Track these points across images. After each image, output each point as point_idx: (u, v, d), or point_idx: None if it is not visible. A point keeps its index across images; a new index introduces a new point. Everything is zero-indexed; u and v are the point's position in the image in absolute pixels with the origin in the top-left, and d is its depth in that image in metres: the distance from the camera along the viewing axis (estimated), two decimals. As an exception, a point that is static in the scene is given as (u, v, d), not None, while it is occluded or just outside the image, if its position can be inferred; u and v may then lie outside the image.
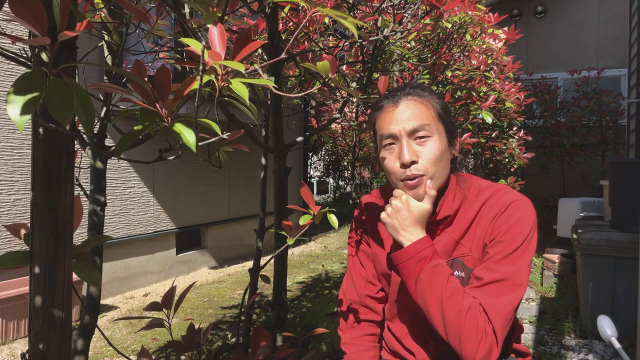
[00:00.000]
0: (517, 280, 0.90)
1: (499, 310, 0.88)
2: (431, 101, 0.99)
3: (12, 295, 2.89)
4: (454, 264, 1.00)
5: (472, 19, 2.32)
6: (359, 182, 8.63)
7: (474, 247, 0.98)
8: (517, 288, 0.90)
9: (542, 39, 7.41)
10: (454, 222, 1.01)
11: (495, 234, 0.95)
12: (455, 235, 1.00)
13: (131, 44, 1.73)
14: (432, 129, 0.96)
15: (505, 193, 0.98)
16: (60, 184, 0.67)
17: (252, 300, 1.20)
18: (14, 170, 3.21)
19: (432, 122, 0.96)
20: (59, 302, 0.68)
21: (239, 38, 0.70)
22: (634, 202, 2.70)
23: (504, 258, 0.91)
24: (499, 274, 0.90)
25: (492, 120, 3.07)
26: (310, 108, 4.80)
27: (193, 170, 4.77)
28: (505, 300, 0.89)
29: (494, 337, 0.87)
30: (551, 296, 3.63)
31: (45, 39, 0.50)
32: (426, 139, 0.95)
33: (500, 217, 0.95)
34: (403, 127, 0.96)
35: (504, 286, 0.90)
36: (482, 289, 0.91)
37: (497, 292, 0.90)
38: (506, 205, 0.95)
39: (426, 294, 0.91)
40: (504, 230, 0.93)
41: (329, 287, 4.04)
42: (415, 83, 1.07)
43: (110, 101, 1.39)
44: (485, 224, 0.97)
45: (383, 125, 1.00)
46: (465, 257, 0.99)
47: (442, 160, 0.96)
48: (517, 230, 0.93)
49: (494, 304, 0.88)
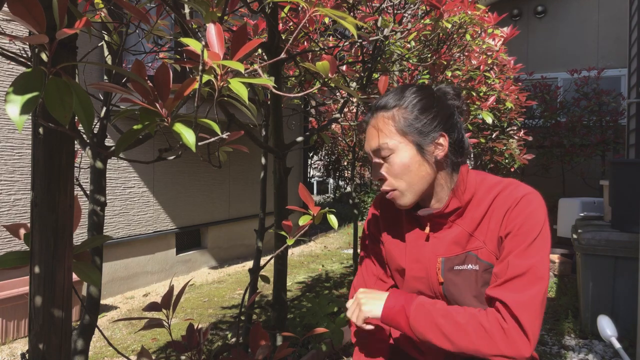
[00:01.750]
0: (537, 273, 0.90)
1: (524, 305, 0.88)
2: (396, 113, 1.01)
3: (12, 295, 2.89)
4: (468, 257, 1.01)
5: (472, 19, 2.32)
6: (359, 182, 8.63)
7: (487, 239, 0.99)
8: (539, 281, 0.90)
9: (542, 39, 7.41)
10: (466, 214, 1.03)
11: (510, 227, 0.95)
12: (468, 228, 1.02)
13: (131, 44, 1.73)
14: (391, 146, 1.00)
15: (517, 186, 1.00)
16: (60, 184, 0.67)
17: (252, 300, 1.20)
18: (14, 170, 3.21)
19: (394, 137, 1.00)
20: (59, 302, 0.68)
21: (235, 36, 0.70)
22: (634, 202, 2.70)
23: (523, 252, 0.92)
24: (519, 268, 0.91)
25: (492, 121, 3.07)
26: (310, 108, 4.80)
27: (193, 170, 4.77)
28: (528, 294, 0.89)
29: (520, 332, 0.87)
30: (551, 296, 3.63)
31: (44, 36, 0.50)
32: (388, 156, 1.01)
33: (513, 210, 0.96)
34: (370, 147, 1.04)
35: (525, 280, 0.90)
36: (504, 286, 0.92)
37: (519, 287, 0.90)
38: (519, 198, 0.97)
39: (422, 329, 0.94)
40: (519, 223, 0.94)
41: (329, 287, 4.04)
42: (393, 89, 1.08)
43: (110, 101, 1.39)
44: (498, 217, 0.98)
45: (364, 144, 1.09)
46: (479, 250, 1.00)
47: (411, 171, 1.00)
48: (532, 223, 0.94)
49: (517, 299, 0.89)
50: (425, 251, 1.06)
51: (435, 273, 1.04)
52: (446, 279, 1.03)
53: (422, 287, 1.07)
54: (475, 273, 0.99)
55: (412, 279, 1.08)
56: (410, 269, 1.08)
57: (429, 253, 1.05)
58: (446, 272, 1.03)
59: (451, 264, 1.02)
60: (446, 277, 1.03)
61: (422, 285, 1.07)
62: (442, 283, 1.04)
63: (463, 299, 1.01)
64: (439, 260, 1.03)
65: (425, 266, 1.05)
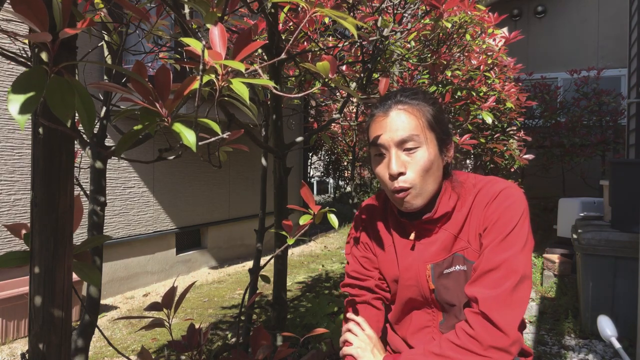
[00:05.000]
0: (511, 266, 0.88)
1: (494, 299, 0.86)
2: (422, 109, 0.99)
3: (12, 295, 2.89)
4: (455, 259, 1.00)
5: (472, 19, 2.32)
6: (359, 182, 8.63)
7: (471, 239, 0.98)
8: (512, 274, 0.87)
9: (542, 39, 7.41)
10: (452, 218, 1.02)
11: (486, 222, 0.94)
12: (453, 231, 1.01)
13: (131, 44, 1.73)
14: (420, 139, 0.96)
15: (495, 182, 0.99)
16: (60, 184, 0.67)
17: (252, 300, 1.20)
18: (14, 170, 3.21)
19: (422, 131, 0.96)
20: (59, 302, 0.68)
21: (239, 38, 0.70)
22: (634, 202, 2.70)
23: (497, 245, 0.91)
24: (492, 262, 0.90)
25: (492, 121, 3.06)
26: (310, 108, 4.80)
27: (193, 170, 4.77)
28: (500, 289, 0.87)
29: (491, 328, 0.85)
30: (551, 296, 3.63)
31: (47, 35, 0.50)
32: (415, 149, 0.96)
33: (491, 205, 0.95)
34: (392, 137, 0.96)
35: (498, 274, 0.88)
36: (477, 282, 0.91)
37: (491, 282, 0.89)
38: (496, 193, 0.96)
39: None
40: (495, 217, 0.93)
41: (329, 287, 4.04)
42: (407, 88, 1.07)
43: (110, 101, 1.39)
44: (478, 214, 0.97)
45: (374, 135, 1.01)
46: (465, 251, 0.99)
47: (432, 170, 0.97)
48: (508, 217, 0.92)
49: (486, 295, 0.87)
50: (413, 259, 1.04)
51: (426, 280, 1.02)
52: (437, 285, 1.01)
53: (414, 295, 1.05)
54: (464, 273, 0.98)
55: (403, 287, 1.07)
56: (401, 277, 1.06)
57: (417, 260, 1.03)
58: (436, 278, 1.01)
59: (440, 269, 1.01)
60: (437, 283, 1.01)
61: (413, 293, 1.05)
62: (433, 290, 1.02)
63: (456, 301, 1.00)
64: (427, 267, 1.02)
65: (414, 274, 1.03)
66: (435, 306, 1.05)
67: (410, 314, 1.09)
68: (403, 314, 1.10)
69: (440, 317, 1.05)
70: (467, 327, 0.88)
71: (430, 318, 1.06)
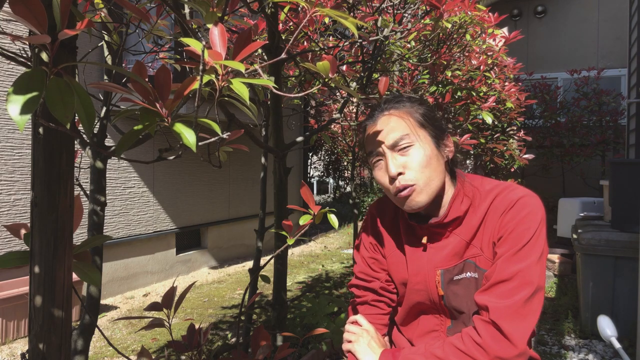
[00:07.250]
0: (525, 278, 0.87)
1: (505, 310, 0.85)
2: (409, 111, 1.00)
3: (12, 295, 2.89)
4: (466, 265, 0.99)
5: (472, 19, 2.32)
6: (359, 182, 8.63)
7: (484, 246, 0.97)
8: (526, 286, 0.86)
9: (542, 39, 7.41)
10: (463, 223, 1.00)
11: (502, 232, 0.93)
12: (465, 237, 0.99)
13: (131, 44, 1.73)
14: (412, 138, 0.97)
15: (513, 190, 0.97)
16: (60, 184, 0.67)
17: (252, 300, 1.20)
18: (14, 170, 3.21)
19: (412, 130, 0.98)
20: (59, 302, 0.68)
21: (239, 38, 0.70)
22: (634, 202, 2.70)
23: (512, 256, 0.89)
24: (506, 273, 0.88)
25: (492, 121, 3.06)
26: (310, 108, 4.80)
27: (193, 170, 4.77)
28: (512, 300, 0.86)
29: (500, 337, 0.84)
30: (551, 296, 3.63)
31: (46, 37, 0.50)
32: (408, 147, 0.97)
33: (507, 214, 0.93)
34: (384, 142, 0.99)
35: (511, 286, 0.87)
36: (489, 291, 0.90)
37: (503, 292, 0.87)
38: (513, 201, 0.94)
39: None
40: (511, 227, 0.92)
41: (329, 287, 4.04)
42: (390, 97, 1.07)
43: (110, 101, 1.39)
44: (493, 222, 0.95)
45: (368, 145, 1.03)
46: (477, 258, 0.98)
47: (431, 165, 0.97)
48: (525, 227, 0.90)
49: (498, 305, 0.86)
50: (422, 263, 1.03)
51: (435, 286, 1.01)
52: (447, 291, 1.00)
53: (422, 299, 1.05)
54: (475, 281, 0.97)
55: (412, 291, 1.06)
56: (410, 281, 1.06)
57: (427, 265, 1.02)
58: (446, 284, 1.00)
59: (450, 275, 1.00)
60: (447, 289, 1.00)
61: (421, 297, 1.04)
62: (442, 296, 1.01)
63: (465, 309, 0.99)
64: (437, 272, 1.01)
65: (423, 278, 1.02)
66: (443, 312, 1.03)
67: (418, 317, 1.08)
68: (410, 316, 1.10)
69: (448, 322, 1.04)
70: (475, 334, 0.87)
71: (438, 322, 1.05)
